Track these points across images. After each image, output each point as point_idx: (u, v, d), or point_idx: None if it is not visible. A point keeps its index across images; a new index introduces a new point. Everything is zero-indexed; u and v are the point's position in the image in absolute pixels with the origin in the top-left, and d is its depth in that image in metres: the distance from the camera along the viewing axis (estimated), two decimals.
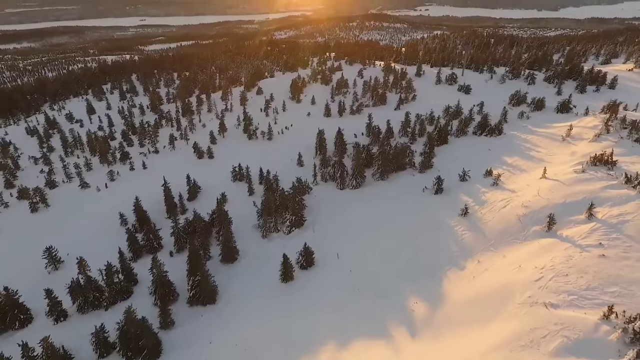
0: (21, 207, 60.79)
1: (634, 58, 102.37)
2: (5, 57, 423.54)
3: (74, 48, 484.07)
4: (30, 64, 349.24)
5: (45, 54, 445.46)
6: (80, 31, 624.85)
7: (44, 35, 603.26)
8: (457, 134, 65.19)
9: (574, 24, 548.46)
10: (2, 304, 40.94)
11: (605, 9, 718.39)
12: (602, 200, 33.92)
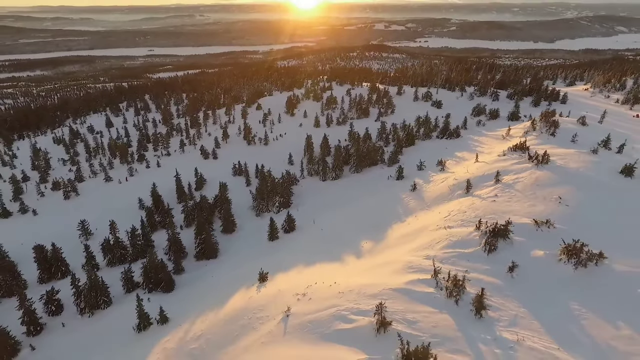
0: (55, 196, 72.63)
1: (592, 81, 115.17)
2: (19, 83, 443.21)
3: (85, 75, 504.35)
4: (43, 90, 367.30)
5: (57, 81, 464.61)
6: (91, 60, 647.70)
7: (56, 64, 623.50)
8: (423, 137, 77.26)
9: (568, 54, 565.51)
10: (49, 258, 52.06)
11: (600, 40, 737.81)
12: (508, 172, 45.23)
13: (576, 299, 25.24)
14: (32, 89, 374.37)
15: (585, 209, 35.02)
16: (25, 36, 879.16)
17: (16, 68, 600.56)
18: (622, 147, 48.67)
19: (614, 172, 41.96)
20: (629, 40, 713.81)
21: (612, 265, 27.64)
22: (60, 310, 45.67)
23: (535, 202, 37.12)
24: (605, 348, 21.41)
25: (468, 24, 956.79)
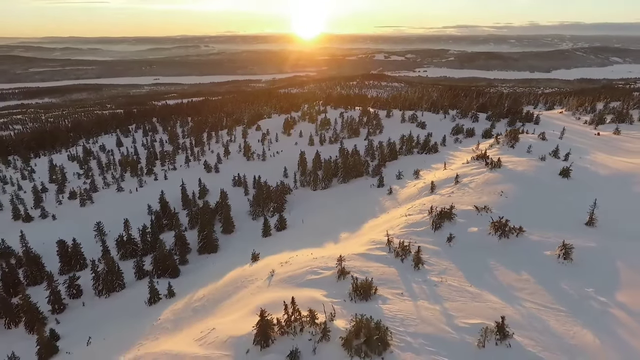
0: (72, 204, 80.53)
1: (567, 105, 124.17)
2: (29, 110, 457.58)
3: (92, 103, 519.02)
4: (51, 117, 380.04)
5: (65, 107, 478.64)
6: (98, 88, 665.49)
7: (64, 91, 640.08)
8: (405, 153, 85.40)
9: (563, 84, 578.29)
10: (70, 252, 59.45)
11: (596, 70, 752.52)
12: (467, 175, 52.97)
13: (494, 258, 32.61)
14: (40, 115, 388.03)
15: (520, 199, 42.68)
16: (35, 65, 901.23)
17: (25, 95, 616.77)
18: (567, 156, 56.54)
19: (554, 174, 49.71)
20: (624, 70, 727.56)
21: (529, 236, 35.08)
22: (80, 294, 52.79)
23: (481, 195, 44.74)
24: (505, 286, 28.74)
25: (466, 54, 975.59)
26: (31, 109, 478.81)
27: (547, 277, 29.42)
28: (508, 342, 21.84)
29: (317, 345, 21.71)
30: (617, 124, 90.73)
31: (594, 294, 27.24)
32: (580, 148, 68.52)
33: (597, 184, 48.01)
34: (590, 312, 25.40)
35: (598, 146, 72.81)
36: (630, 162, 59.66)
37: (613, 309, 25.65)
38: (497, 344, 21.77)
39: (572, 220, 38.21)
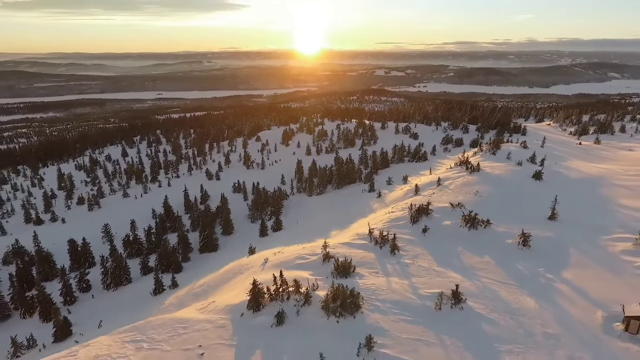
0: (80, 208, 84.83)
1: (555, 117, 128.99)
2: (33, 124, 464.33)
3: (95, 117, 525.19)
4: (55, 130, 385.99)
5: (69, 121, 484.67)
6: (102, 103, 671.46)
7: (68, 106, 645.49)
8: (396, 161, 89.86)
9: (561, 98, 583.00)
10: (80, 251, 63.60)
11: (594, 86, 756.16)
12: (449, 178, 57.28)
13: (462, 246, 36.81)
14: (45, 129, 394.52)
15: (492, 197, 46.97)
16: (40, 80, 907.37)
17: (30, 110, 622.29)
18: (542, 161, 60.89)
19: (528, 176, 54.12)
20: (622, 86, 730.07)
21: (496, 228, 39.31)
22: (90, 288, 56.81)
23: (459, 195, 49.03)
24: (468, 267, 32.95)
25: (465, 70, 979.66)
26: (36, 123, 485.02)
27: (506, 260, 33.59)
28: (461, 305, 26.10)
29: (301, 309, 26.02)
30: (599, 134, 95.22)
31: (543, 272, 31.39)
32: (559, 155, 72.87)
33: (567, 186, 52.25)
34: (537, 285, 29.52)
35: (577, 154, 77.21)
36: (602, 168, 64.03)
37: (557, 284, 29.77)
38: (451, 307, 26.02)
39: (538, 215, 42.38)
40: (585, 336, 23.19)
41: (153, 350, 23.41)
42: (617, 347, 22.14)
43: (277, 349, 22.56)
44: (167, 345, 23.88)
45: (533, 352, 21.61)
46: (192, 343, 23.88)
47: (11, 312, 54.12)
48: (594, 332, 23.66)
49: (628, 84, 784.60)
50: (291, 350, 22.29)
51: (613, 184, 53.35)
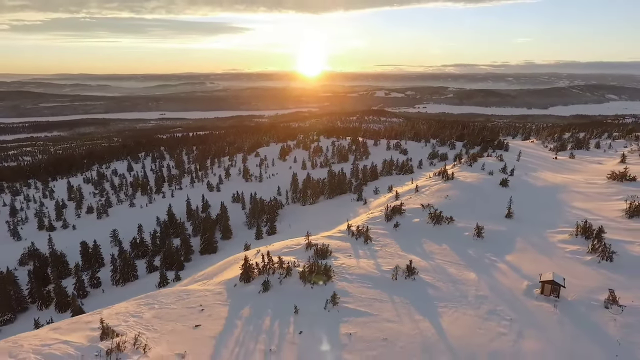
0: (89, 217, 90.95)
1: (539, 135, 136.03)
2: (38, 142, 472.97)
3: (99, 136, 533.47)
4: (60, 149, 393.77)
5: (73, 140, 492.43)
6: (105, 122, 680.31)
7: (72, 125, 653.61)
8: (385, 174, 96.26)
9: (558, 119, 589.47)
10: (91, 253, 69.53)
11: (591, 107, 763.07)
12: (426, 186, 63.49)
13: (426, 237, 42.77)
14: (49, 147, 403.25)
15: (460, 200, 53.11)
16: (45, 100, 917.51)
17: (35, 129, 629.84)
18: (512, 171, 67.22)
19: (496, 184, 60.33)
20: (620, 107, 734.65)
21: (457, 224, 45.30)
22: (100, 284, 62.60)
23: (431, 198, 55.16)
24: (427, 252, 38.86)
25: (464, 91, 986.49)
26: (40, 142, 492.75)
27: (460, 247, 39.54)
28: (414, 277, 32.11)
29: (283, 279, 32.10)
30: (575, 150, 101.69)
31: (489, 256, 37.33)
32: (532, 168, 79.13)
33: (530, 192, 58.50)
34: (481, 264, 35.44)
35: (550, 167, 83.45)
36: (567, 177, 70.18)
37: (498, 264, 35.69)
38: (405, 278, 32.03)
39: (498, 214, 48.42)
40: (509, 297, 29.08)
41: (162, 309, 29.29)
42: (531, 304, 27.99)
43: (262, 306, 28.53)
44: (174, 305, 29.80)
45: (463, 307, 27.55)
46: (194, 304, 29.79)
47: (29, 305, 59.75)
48: (516, 295, 29.54)
49: (625, 105, 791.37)
50: (273, 306, 28.30)
51: (572, 191, 59.49)
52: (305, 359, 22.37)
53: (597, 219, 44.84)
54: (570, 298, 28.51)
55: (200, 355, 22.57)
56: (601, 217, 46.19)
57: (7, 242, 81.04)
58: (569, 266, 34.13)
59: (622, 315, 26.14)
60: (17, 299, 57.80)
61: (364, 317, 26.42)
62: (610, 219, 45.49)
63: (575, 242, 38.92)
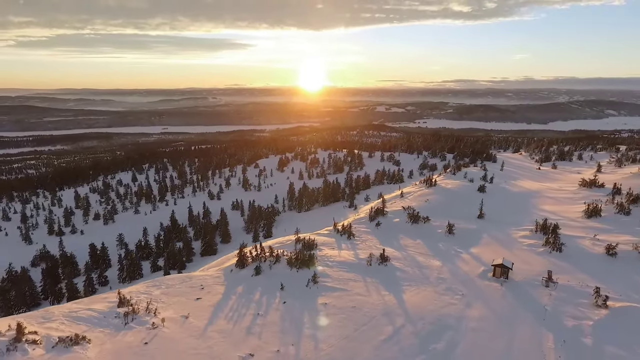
0: (96, 223, 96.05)
1: (527, 148, 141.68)
2: (42, 156, 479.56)
3: (102, 150, 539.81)
4: (63, 162, 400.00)
5: (76, 154, 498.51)
6: (108, 137, 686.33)
7: (76, 139, 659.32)
8: (377, 183, 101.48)
9: (557, 134, 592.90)
10: (98, 254, 74.50)
11: (591, 122, 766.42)
12: (411, 192, 68.49)
13: (404, 234, 47.75)
14: (53, 161, 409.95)
15: (439, 203, 58.18)
16: (49, 115, 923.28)
17: (39, 143, 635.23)
18: (492, 179, 72.40)
19: (474, 190, 65.39)
20: (619, 122, 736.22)
21: (433, 223, 50.28)
22: (107, 282, 67.37)
23: (413, 202, 60.22)
24: (402, 245, 43.81)
25: (464, 107, 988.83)
26: (44, 155, 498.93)
27: (432, 242, 44.51)
28: (386, 263, 37.08)
29: (273, 265, 37.12)
30: (558, 161, 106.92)
31: (456, 248, 42.27)
32: (514, 177, 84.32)
33: (505, 197, 63.62)
34: (447, 255, 40.38)
35: (531, 176, 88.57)
36: (543, 185, 75.27)
37: (463, 254, 40.61)
38: (379, 264, 36.98)
39: (471, 215, 53.42)
40: (465, 279, 34.01)
41: (169, 289, 34.19)
42: (482, 284, 32.93)
43: (254, 285, 33.51)
44: (178, 286, 34.72)
45: (424, 285, 32.52)
46: (196, 285, 34.74)
47: (41, 301, 64.52)
48: (472, 277, 34.46)
49: (625, 120, 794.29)
50: (263, 285, 33.30)
51: (544, 196, 64.58)
52: (287, 319, 27.37)
53: (560, 219, 49.78)
54: (517, 279, 33.45)
55: (201, 317, 27.57)
56: (564, 217, 51.22)
57: (20, 245, 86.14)
58: (524, 256, 39.07)
59: (557, 291, 31.09)
60: (31, 295, 62.62)
61: (338, 292, 31.39)
62: (571, 219, 50.56)
63: (533, 237, 43.86)
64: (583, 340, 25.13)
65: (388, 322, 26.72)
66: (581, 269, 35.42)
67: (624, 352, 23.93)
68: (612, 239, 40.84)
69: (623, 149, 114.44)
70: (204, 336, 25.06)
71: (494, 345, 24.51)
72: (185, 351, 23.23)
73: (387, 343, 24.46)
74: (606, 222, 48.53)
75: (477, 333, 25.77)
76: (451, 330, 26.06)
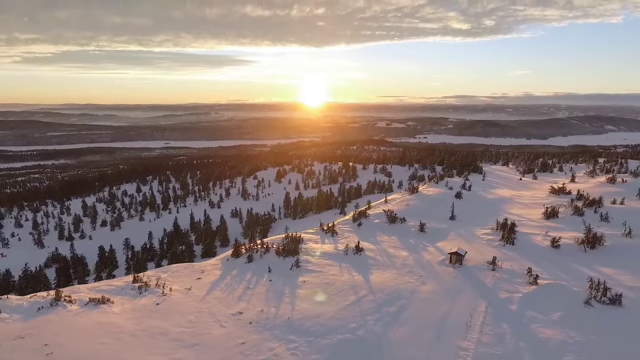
0: (104, 229, 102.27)
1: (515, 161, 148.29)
2: (45, 170, 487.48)
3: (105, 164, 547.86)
4: (67, 176, 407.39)
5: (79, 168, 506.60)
6: (111, 151, 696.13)
7: (79, 154, 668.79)
8: (368, 192, 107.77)
9: (556, 149, 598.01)
10: (107, 256, 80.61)
11: (590, 137, 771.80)
12: (396, 199, 74.79)
13: (381, 232, 53.87)
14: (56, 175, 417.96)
15: (417, 207, 64.41)
16: (52, 129, 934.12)
17: (43, 157, 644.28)
18: (470, 187, 78.64)
19: (452, 196, 71.65)
20: (618, 138, 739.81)
21: (408, 223, 56.43)
22: None
23: (394, 207, 66.43)
24: (378, 241, 49.95)
25: (465, 122, 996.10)
26: (48, 169, 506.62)
27: (405, 238, 50.61)
28: (360, 253, 43.24)
29: (263, 255, 43.30)
30: (540, 173, 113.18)
31: (425, 243, 48.36)
32: (494, 186, 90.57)
33: (479, 202, 69.85)
34: (415, 248, 46.47)
35: (511, 185, 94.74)
36: (518, 193, 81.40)
37: (429, 247, 46.69)
38: (354, 254, 43.13)
39: (444, 217, 59.60)
40: (425, 265, 40.07)
41: (174, 273, 40.30)
42: (438, 268, 38.98)
43: (246, 269, 39.64)
44: (182, 271, 40.90)
45: (389, 269, 38.57)
46: (197, 270, 40.81)
47: None
48: (432, 264, 40.51)
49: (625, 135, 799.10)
50: (253, 269, 39.44)
51: (515, 202, 70.74)
52: (271, 291, 33.50)
53: (522, 219, 55.98)
54: (469, 265, 39.55)
55: (201, 289, 33.77)
56: (526, 219, 57.37)
57: (33, 249, 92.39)
58: (481, 248, 45.15)
59: (500, 273, 37.12)
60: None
61: (316, 273, 37.53)
62: (532, 220, 56.70)
63: (493, 234, 49.96)
64: (510, 306, 31.15)
65: (353, 293, 32.84)
66: (527, 258, 41.43)
67: (541, 315, 29.86)
68: (561, 234, 46.92)
69: (601, 162, 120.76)
70: (204, 301, 31.29)
71: (436, 309, 30.54)
72: (189, 309, 29.41)
73: (349, 306, 30.57)
74: (561, 222, 54.65)
75: (424, 301, 31.81)
76: (404, 299, 32.11)
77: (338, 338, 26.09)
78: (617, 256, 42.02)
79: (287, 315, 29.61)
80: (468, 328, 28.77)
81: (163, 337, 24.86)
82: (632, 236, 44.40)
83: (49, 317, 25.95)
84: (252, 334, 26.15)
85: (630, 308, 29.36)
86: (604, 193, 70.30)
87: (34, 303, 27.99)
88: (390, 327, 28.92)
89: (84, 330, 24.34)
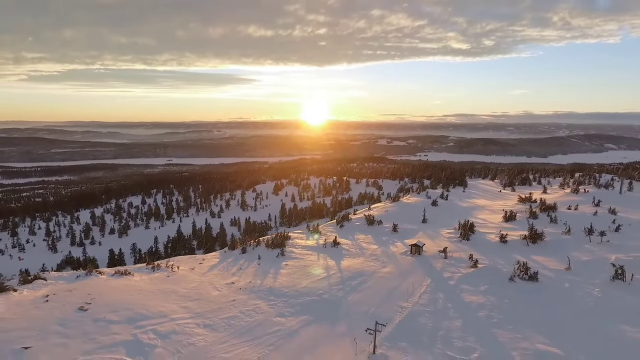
0: (112, 236, 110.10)
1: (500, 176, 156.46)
2: (49, 185, 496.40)
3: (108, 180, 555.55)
4: (70, 192, 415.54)
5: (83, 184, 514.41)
6: (114, 167, 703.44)
7: (82, 170, 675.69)
8: (358, 203, 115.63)
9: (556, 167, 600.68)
10: (116, 259, 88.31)
11: (590, 156, 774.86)
12: (379, 207, 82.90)
13: (359, 232, 61.69)
14: (60, 190, 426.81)
15: (395, 212, 72.33)
16: (57, 146, 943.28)
17: (47, 173, 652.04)
18: (447, 196, 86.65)
19: (428, 204, 79.63)
20: (618, 156, 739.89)
21: (384, 224, 64.29)
22: None
23: (375, 212, 74.40)
24: (356, 238, 57.76)
25: (465, 140, 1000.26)
26: (51, 185, 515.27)
27: (379, 236, 58.40)
28: (337, 246, 51.08)
29: (255, 247, 51.24)
30: (520, 186, 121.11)
31: (394, 240, 56.10)
32: (472, 196, 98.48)
33: (452, 209, 77.73)
34: (385, 243, 54.21)
35: (488, 197, 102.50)
36: (491, 202, 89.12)
37: (397, 243, 54.42)
38: (332, 247, 51.05)
39: (417, 220, 67.47)
40: (390, 255, 47.85)
41: (180, 260, 48.21)
42: (400, 257, 46.74)
43: (240, 258, 47.52)
44: (186, 260, 48.80)
45: (359, 257, 46.42)
46: (199, 259, 48.69)
47: None
48: (395, 254, 48.25)
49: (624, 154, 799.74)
50: (246, 258, 47.34)
51: (485, 209, 78.62)
52: (258, 271, 41.36)
53: (484, 222, 63.90)
54: (427, 255, 47.39)
55: (202, 270, 41.66)
56: (488, 222, 65.24)
57: (47, 254, 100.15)
58: (441, 243, 52.87)
59: (450, 260, 44.89)
60: None
61: (297, 260, 45.42)
62: (492, 222, 64.55)
63: (455, 233, 57.77)
64: (449, 282, 38.90)
65: (325, 272, 40.71)
66: (477, 250, 49.12)
67: (472, 288, 37.58)
68: (512, 233, 54.84)
69: (577, 176, 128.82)
70: (204, 275, 39.23)
71: (389, 283, 38.29)
72: (192, 280, 37.33)
73: (320, 280, 38.41)
74: (517, 224, 62.43)
75: (381, 279, 39.57)
76: (366, 276, 39.90)
77: (307, 299, 33.98)
78: (552, 248, 49.79)
79: (270, 285, 37.40)
80: (410, 295, 36.60)
81: (174, 294, 32.78)
82: (570, 234, 52.41)
83: (86, 281, 33.89)
84: (241, 294, 34.04)
85: (544, 282, 37.18)
86: (565, 201, 78.42)
87: (72, 274, 35.96)
88: (350, 293, 36.69)
89: (115, 288, 32.32)
